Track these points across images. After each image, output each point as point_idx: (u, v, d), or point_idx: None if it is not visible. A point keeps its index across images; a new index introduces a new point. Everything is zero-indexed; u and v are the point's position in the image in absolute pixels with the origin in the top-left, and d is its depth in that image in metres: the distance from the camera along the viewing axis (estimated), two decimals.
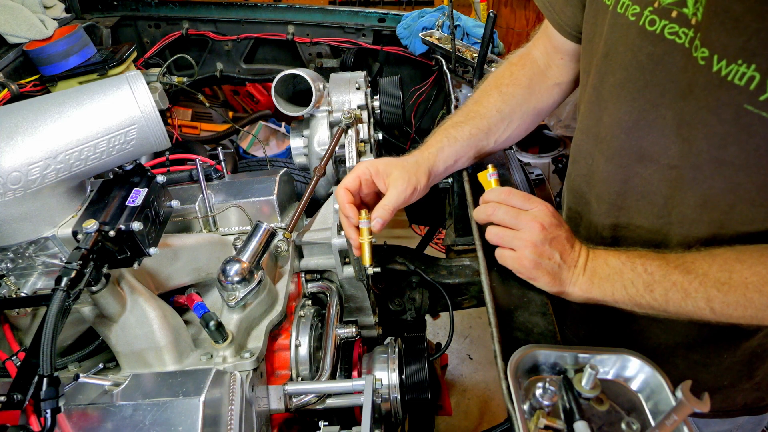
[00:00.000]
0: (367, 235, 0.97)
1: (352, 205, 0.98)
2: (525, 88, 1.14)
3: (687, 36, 0.76)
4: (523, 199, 0.93)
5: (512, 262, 0.92)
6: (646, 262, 0.85)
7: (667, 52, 0.79)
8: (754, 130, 0.73)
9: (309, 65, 2.19)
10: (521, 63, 1.17)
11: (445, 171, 1.08)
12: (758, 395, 1.10)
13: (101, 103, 0.88)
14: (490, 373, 2.90)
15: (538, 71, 1.15)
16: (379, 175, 1.00)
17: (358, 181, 1.00)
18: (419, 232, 3.43)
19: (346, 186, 0.99)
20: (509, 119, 1.13)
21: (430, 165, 1.04)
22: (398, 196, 0.97)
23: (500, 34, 2.51)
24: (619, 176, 0.95)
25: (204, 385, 0.85)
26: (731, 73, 0.71)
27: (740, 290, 0.78)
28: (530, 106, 1.15)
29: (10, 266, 0.91)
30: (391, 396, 1.08)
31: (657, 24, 0.79)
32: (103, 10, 2.15)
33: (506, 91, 1.14)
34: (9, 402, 0.68)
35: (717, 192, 0.83)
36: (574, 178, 1.10)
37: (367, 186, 1.01)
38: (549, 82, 1.15)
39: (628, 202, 0.97)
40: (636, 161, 0.91)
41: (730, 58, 0.71)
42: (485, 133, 1.12)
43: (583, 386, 0.72)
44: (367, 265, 0.98)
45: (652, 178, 0.90)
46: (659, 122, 0.85)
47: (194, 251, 1.10)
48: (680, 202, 0.88)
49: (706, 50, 0.73)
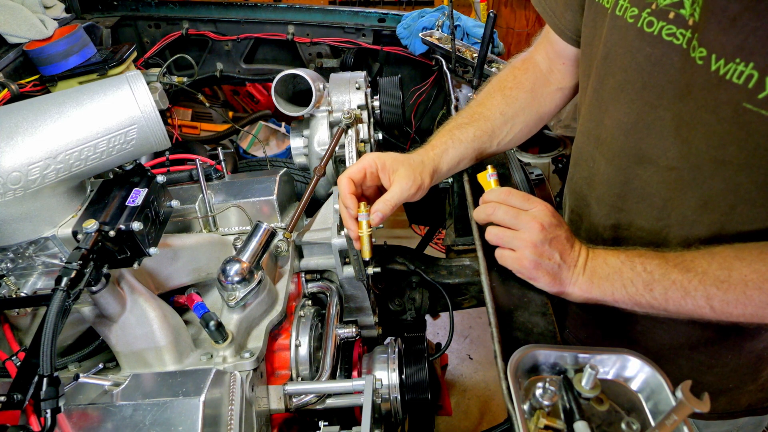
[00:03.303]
0: (366, 228, 0.97)
1: (353, 196, 0.97)
2: (528, 92, 1.14)
3: (684, 37, 0.76)
4: (523, 199, 0.93)
5: (512, 262, 0.92)
6: (646, 261, 0.85)
7: (665, 54, 0.79)
8: (753, 128, 0.73)
9: (309, 65, 2.19)
10: (524, 67, 1.17)
11: (448, 172, 1.09)
12: (762, 396, 1.10)
13: (101, 103, 0.88)
14: (490, 373, 2.89)
15: (541, 76, 1.16)
16: (386, 169, 0.99)
17: (363, 172, 0.99)
18: (419, 232, 3.43)
19: (349, 176, 0.98)
20: (512, 122, 1.13)
21: (435, 165, 1.04)
22: (401, 193, 0.97)
23: (500, 34, 2.51)
24: (619, 178, 0.95)
25: (204, 385, 0.85)
26: (729, 72, 0.71)
27: (740, 288, 0.78)
28: (533, 110, 1.15)
29: (10, 266, 0.91)
30: (391, 396, 1.08)
31: (655, 25, 0.79)
32: (103, 10, 2.15)
33: (510, 94, 1.14)
34: (9, 402, 0.68)
35: (717, 193, 0.83)
36: (576, 180, 1.11)
37: (372, 179, 1.00)
38: (551, 86, 1.15)
39: (627, 205, 0.97)
40: (635, 163, 0.91)
41: (728, 57, 0.71)
42: (489, 136, 1.12)
43: (583, 386, 0.72)
44: (367, 258, 0.98)
45: (651, 180, 0.90)
46: (657, 124, 0.85)
47: (194, 251, 1.10)
48: (680, 204, 0.88)
49: (704, 50, 0.73)
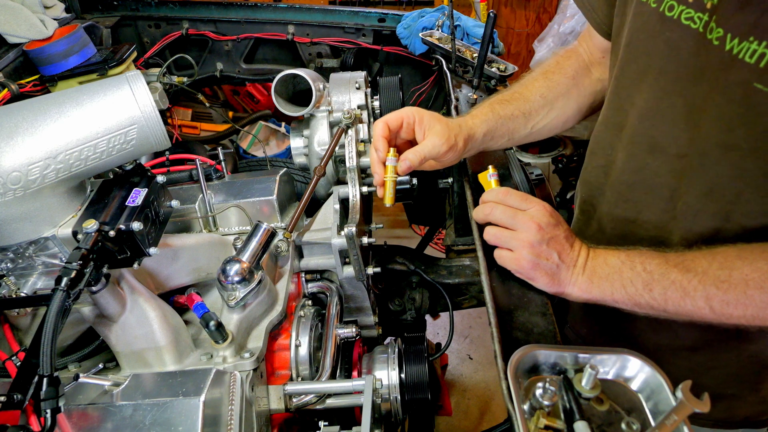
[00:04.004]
0: (392, 174, 0.98)
1: (384, 139, 0.98)
2: (570, 78, 1.16)
3: (701, 20, 0.77)
4: (521, 199, 0.93)
5: (510, 262, 0.92)
6: (646, 260, 0.85)
7: (682, 38, 0.80)
8: (762, 110, 0.74)
9: (309, 65, 2.19)
10: (567, 55, 1.19)
11: (482, 143, 1.09)
12: (761, 408, 1.09)
13: (101, 103, 0.87)
14: (490, 373, 2.89)
15: (584, 65, 1.17)
16: (422, 123, 0.99)
17: (400, 121, 0.99)
18: (419, 232, 3.43)
19: (387, 121, 0.99)
20: (551, 106, 1.14)
21: (471, 132, 1.05)
22: (433, 148, 0.98)
23: (500, 34, 2.51)
24: (632, 166, 0.95)
25: (204, 385, 0.85)
26: (742, 51, 0.72)
27: (740, 288, 0.77)
28: (572, 98, 1.16)
29: (10, 266, 0.91)
30: (391, 396, 1.08)
31: (675, 9, 0.80)
32: (103, 10, 2.15)
33: (552, 78, 1.16)
34: (9, 402, 0.68)
35: (723, 179, 0.83)
36: (590, 170, 1.11)
37: (407, 131, 1.01)
38: (593, 76, 1.17)
39: (636, 195, 0.97)
40: (647, 151, 0.91)
41: (742, 36, 0.72)
42: (525, 117, 1.13)
43: (583, 386, 0.72)
44: (388, 204, 0.99)
45: (660, 169, 0.90)
46: (670, 111, 0.85)
47: (194, 251, 1.10)
48: (685, 192, 0.88)
49: (720, 30, 0.74)
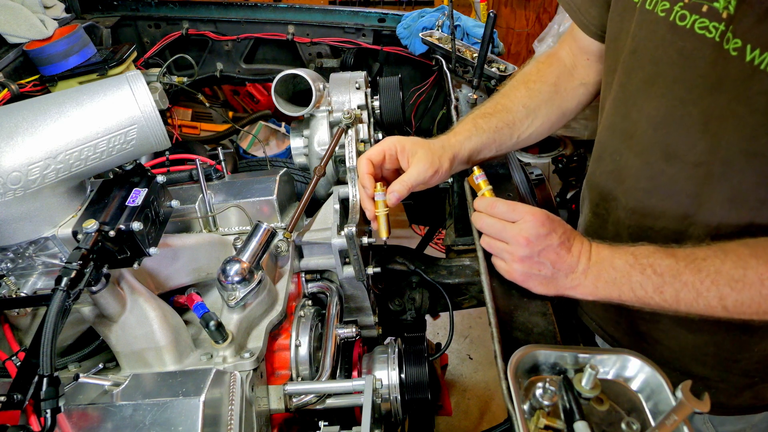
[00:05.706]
0: (383, 208, 0.99)
1: (370, 176, 1.00)
2: (551, 85, 1.15)
3: (717, 30, 0.76)
4: (508, 210, 0.91)
5: (504, 273, 0.93)
6: (655, 262, 0.83)
7: (697, 47, 0.79)
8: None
9: (309, 65, 2.19)
10: (548, 61, 1.18)
11: (468, 160, 1.09)
12: None
13: (101, 103, 0.87)
14: (490, 373, 2.89)
15: (565, 70, 1.16)
16: (405, 152, 1.00)
17: (382, 154, 1.00)
18: (419, 232, 3.43)
19: (369, 157, 1.00)
20: (534, 115, 1.14)
21: (455, 151, 1.05)
22: (418, 176, 0.98)
23: (500, 34, 2.51)
24: (647, 173, 0.95)
25: (204, 385, 0.85)
26: (764, 62, 0.72)
27: (755, 287, 0.77)
28: (555, 104, 1.16)
29: (10, 266, 0.91)
30: (391, 396, 1.08)
31: (687, 19, 0.79)
32: (103, 10, 2.15)
33: (533, 87, 1.15)
34: (9, 402, 0.68)
35: (747, 186, 0.83)
36: (598, 175, 1.09)
37: (391, 161, 1.02)
38: (575, 81, 1.16)
39: (653, 201, 0.96)
40: (663, 159, 0.91)
41: (763, 47, 0.72)
42: (509, 128, 1.12)
43: (583, 386, 0.72)
44: (384, 237, 1.00)
45: (677, 176, 0.90)
46: (686, 120, 0.85)
47: (194, 251, 1.10)
48: (708, 199, 0.88)
49: (738, 41, 0.74)
